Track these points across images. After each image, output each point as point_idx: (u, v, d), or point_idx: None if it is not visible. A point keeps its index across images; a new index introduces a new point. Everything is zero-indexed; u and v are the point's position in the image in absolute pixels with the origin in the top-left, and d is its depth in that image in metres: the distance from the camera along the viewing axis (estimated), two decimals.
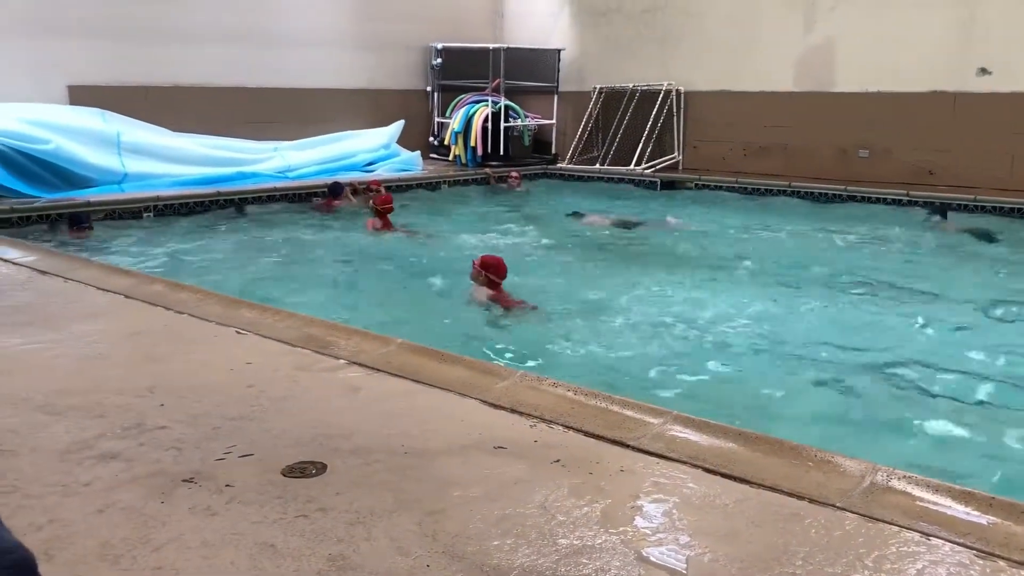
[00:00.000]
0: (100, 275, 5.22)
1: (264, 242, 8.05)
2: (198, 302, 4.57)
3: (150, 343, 3.96)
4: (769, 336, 5.26)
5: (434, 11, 13.32)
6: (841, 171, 11.04)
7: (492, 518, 2.34)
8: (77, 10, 9.75)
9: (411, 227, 8.68)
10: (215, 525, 2.29)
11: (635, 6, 12.85)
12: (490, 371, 3.52)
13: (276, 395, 3.26)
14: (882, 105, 10.80)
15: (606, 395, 3.22)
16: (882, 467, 2.62)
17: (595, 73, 13.32)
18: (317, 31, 11.99)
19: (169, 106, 10.39)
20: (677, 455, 2.73)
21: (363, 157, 11.56)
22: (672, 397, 4.14)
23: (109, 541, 2.21)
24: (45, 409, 3.09)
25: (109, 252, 7.27)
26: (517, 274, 6.42)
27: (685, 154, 12.54)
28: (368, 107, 12.45)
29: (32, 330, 4.09)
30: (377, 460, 2.70)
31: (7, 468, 2.61)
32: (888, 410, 4.12)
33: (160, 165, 9.61)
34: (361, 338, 3.93)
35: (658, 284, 6.60)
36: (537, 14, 14.00)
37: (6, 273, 5.32)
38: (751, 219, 9.73)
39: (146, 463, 2.66)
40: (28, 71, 9.46)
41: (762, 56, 11.70)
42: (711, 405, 4.02)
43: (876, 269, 7.26)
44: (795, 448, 2.77)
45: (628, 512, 2.39)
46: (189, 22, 10.66)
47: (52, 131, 8.77)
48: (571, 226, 9.26)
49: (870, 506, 2.41)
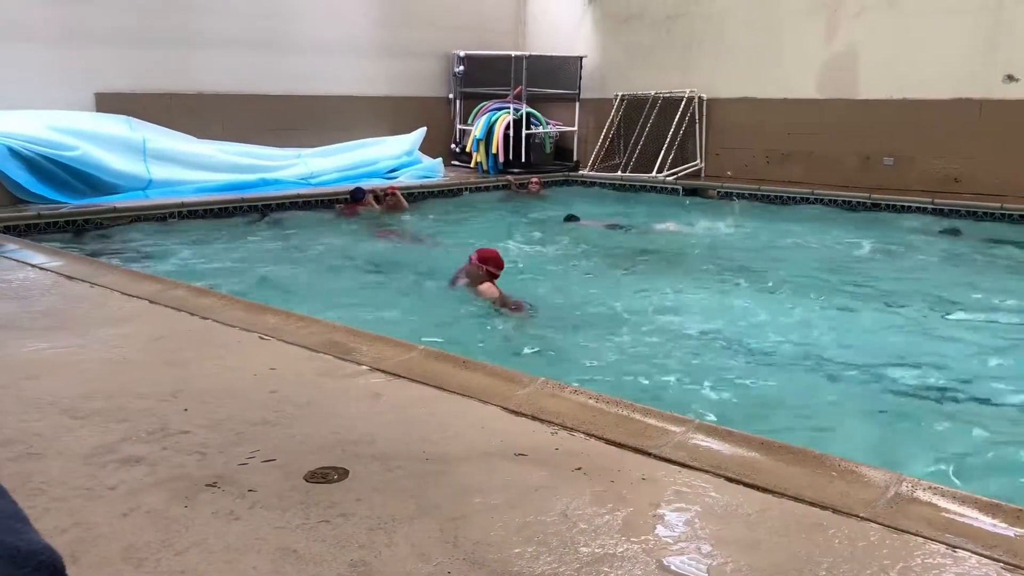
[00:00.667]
0: (125, 280, 5.27)
1: (287, 248, 8.11)
2: (222, 307, 4.60)
3: (174, 348, 3.99)
4: (791, 344, 5.23)
5: (457, 19, 13.37)
6: (865, 179, 10.96)
7: (513, 525, 2.33)
8: (105, 19, 9.87)
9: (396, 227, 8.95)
10: (238, 530, 2.31)
11: (658, 13, 12.84)
12: (511, 378, 3.51)
13: (299, 400, 3.27)
14: (906, 112, 10.72)
15: (628, 403, 3.21)
16: (907, 477, 2.59)
17: (617, 80, 13.31)
18: (340, 39, 12.07)
19: (194, 113, 10.49)
20: (699, 464, 2.72)
21: (385, 164, 11.60)
22: (692, 405, 4.12)
23: (133, 544, 2.23)
24: (71, 413, 3.12)
25: (134, 257, 7.34)
26: (534, 278, 6.43)
27: (707, 161, 12.51)
28: (390, 114, 12.51)
29: (58, 335, 4.14)
30: (398, 466, 2.70)
31: (34, 471, 2.64)
32: (912, 420, 4.08)
33: (184, 171, 9.70)
34: (383, 344, 3.94)
35: (677, 291, 6.60)
36: (559, 22, 14.02)
37: (33, 278, 5.38)
38: (773, 226, 9.69)
39: (170, 467, 2.68)
40: (57, 79, 9.59)
41: (785, 63, 11.65)
42: (733, 413, 4.01)
43: (901, 278, 7.20)
44: (818, 457, 2.75)
45: (650, 521, 2.38)
46: (214, 30, 10.77)
47: (79, 138, 8.87)
48: (593, 233, 9.26)
49: (895, 517, 2.39)
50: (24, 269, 5.60)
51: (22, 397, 3.29)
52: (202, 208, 9.07)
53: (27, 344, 3.97)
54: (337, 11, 12.06)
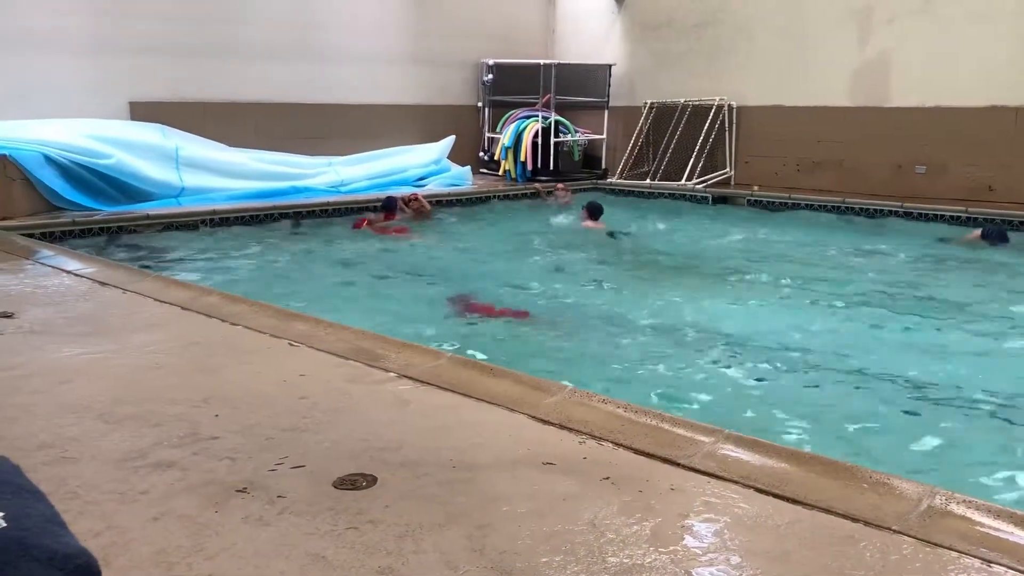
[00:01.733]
0: (157, 287, 5.34)
1: (316, 255, 8.17)
2: (252, 314, 4.64)
3: (205, 354, 4.04)
4: (821, 353, 5.17)
5: (486, 28, 13.42)
6: (897, 187, 10.83)
7: (541, 534, 2.33)
8: (139, 30, 10.03)
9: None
10: (267, 535, 2.32)
11: (687, 21, 12.80)
12: (539, 386, 3.51)
13: (328, 407, 3.29)
14: (940, 120, 10.59)
15: (657, 412, 3.19)
16: (940, 490, 2.55)
17: (646, 88, 13.29)
18: (370, 48, 12.17)
19: (226, 121, 10.62)
20: (729, 474, 2.70)
21: (414, 172, 11.66)
22: (719, 414, 4.09)
23: (164, 549, 2.25)
24: (104, 418, 3.17)
25: (166, 264, 7.43)
26: (557, 286, 6.42)
27: (737, 169, 12.44)
28: (420, 123, 12.58)
29: (92, 340, 4.19)
30: (426, 473, 2.71)
31: (68, 475, 2.68)
32: (946, 432, 4.03)
33: (216, 179, 9.80)
34: (411, 351, 3.96)
35: (704, 298, 6.56)
36: (588, 30, 14.03)
37: (68, 284, 5.46)
38: (806, 235, 9.62)
39: (200, 472, 2.71)
40: (92, 88, 9.75)
41: (816, 70, 11.57)
42: (761, 423, 3.98)
43: (934, 287, 7.11)
44: (849, 469, 2.72)
45: (678, 531, 2.37)
46: (246, 40, 10.90)
47: (113, 146, 9.00)
48: (620, 241, 9.24)
49: (928, 530, 2.36)
50: (59, 275, 5.69)
51: (57, 401, 3.34)
52: (233, 215, 9.16)
53: (62, 349, 4.03)
54: (368, 21, 12.16)
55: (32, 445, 2.90)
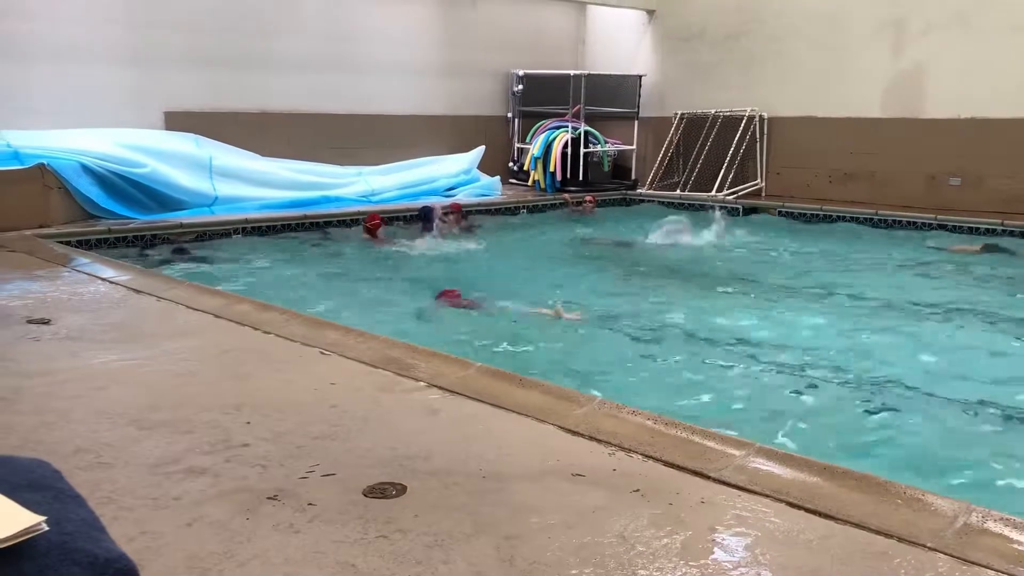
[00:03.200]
0: (191, 295, 5.40)
1: (347, 264, 8.22)
2: (284, 323, 4.68)
3: (237, 362, 4.07)
4: (852, 366, 5.12)
5: (516, 39, 13.47)
6: (931, 199, 10.72)
7: (570, 546, 2.33)
8: (174, 42, 10.17)
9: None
10: (298, 543, 2.34)
11: (718, 32, 12.77)
12: (568, 397, 3.51)
13: (358, 415, 3.31)
14: (975, 131, 10.47)
15: (687, 425, 3.18)
16: (977, 507, 2.51)
17: (676, 99, 13.26)
18: (402, 59, 12.25)
19: (258, 131, 10.73)
20: (760, 488, 2.68)
21: (444, 182, 11.72)
22: (750, 428, 4.06)
23: (197, 554, 2.27)
24: (138, 424, 3.20)
25: (199, 272, 7.51)
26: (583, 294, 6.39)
27: (768, 180, 12.37)
28: (449, 133, 12.64)
29: (127, 347, 4.25)
30: (455, 483, 2.71)
31: (104, 480, 2.71)
32: (982, 448, 3.97)
33: (249, 188, 9.92)
34: (440, 361, 3.97)
35: (734, 309, 6.52)
36: (619, 40, 14.03)
37: (104, 291, 5.54)
38: (836, 246, 9.54)
39: (232, 479, 2.73)
40: (128, 98, 9.90)
41: (848, 81, 11.49)
42: (792, 437, 3.94)
43: (968, 298, 7.02)
44: (882, 484, 2.69)
45: (708, 545, 2.35)
46: (278, 51, 11.02)
47: (148, 155, 9.14)
48: (647, 251, 9.22)
49: (964, 548, 2.32)
50: (95, 282, 5.78)
51: (93, 407, 3.38)
52: (265, 224, 9.25)
53: (98, 356, 4.09)
54: (399, 32, 12.24)
55: (69, 450, 2.94)
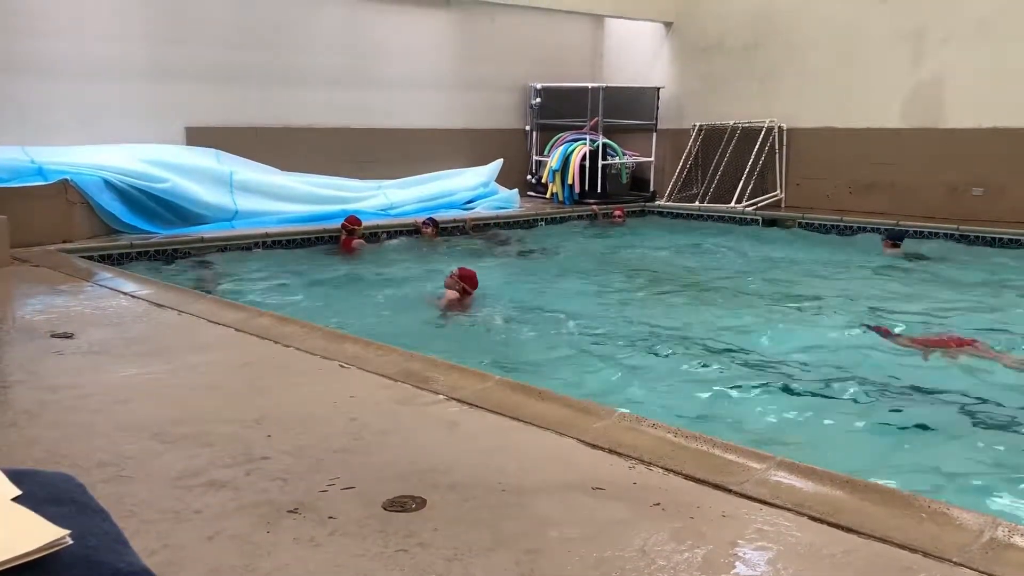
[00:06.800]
0: (212, 308, 5.43)
1: (366, 277, 8.25)
2: (303, 336, 4.70)
3: (258, 375, 4.09)
4: (873, 380, 5.07)
5: (534, 52, 13.52)
6: (952, 210, 10.64)
7: (590, 560, 2.31)
8: (195, 57, 10.29)
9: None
10: (318, 556, 2.34)
11: (736, 43, 12.76)
12: (588, 410, 3.50)
13: (377, 428, 3.32)
14: (997, 141, 10.39)
15: (708, 438, 3.16)
16: (1003, 521, 2.48)
17: (695, 110, 13.25)
18: (420, 73, 12.33)
19: (278, 146, 10.82)
20: (782, 502, 2.66)
21: (462, 195, 11.76)
22: (772, 440, 4.03)
23: (218, 568, 2.28)
24: (160, 437, 3.22)
25: (220, 286, 7.56)
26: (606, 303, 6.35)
27: (788, 192, 12.32)
28: (468, 146, 12.69)
29: (148, 361, 4.28)
30: (475, 496, 2.71)
31: (126, 493, 2.73)
32: (1009, 465, 3.91)
33: (269, 203, 9.99)
34: (459, 374, 3.97)
35: (756, 320, 6.49)
36: (636, 52, 14.05)
37: (125, 306, 5.59)
38: (852, 257, 9.48)
39: (253, 492, 2.74)
40: (149, 114, 10.01)
41: (868, 91, 11.43)
42: (813, 450, 3.90)
43: (993, 311, 6.95)
44: (906, 498, 2.66)
45: (730, 559, 2.33)
46: (298, 66, 11.12)
47: (169, 170, 9.22)
48: (673, 262, 9.20)
49: (990, 563, 2.29)
50: (117, 297, 5.82)
51: (115, 421, 3.41)
52: (285, 238, 9.31)
53: (121, 369, 4.12)
54: (418, 47, 12.32)
55: (91, 463, 2.96)
